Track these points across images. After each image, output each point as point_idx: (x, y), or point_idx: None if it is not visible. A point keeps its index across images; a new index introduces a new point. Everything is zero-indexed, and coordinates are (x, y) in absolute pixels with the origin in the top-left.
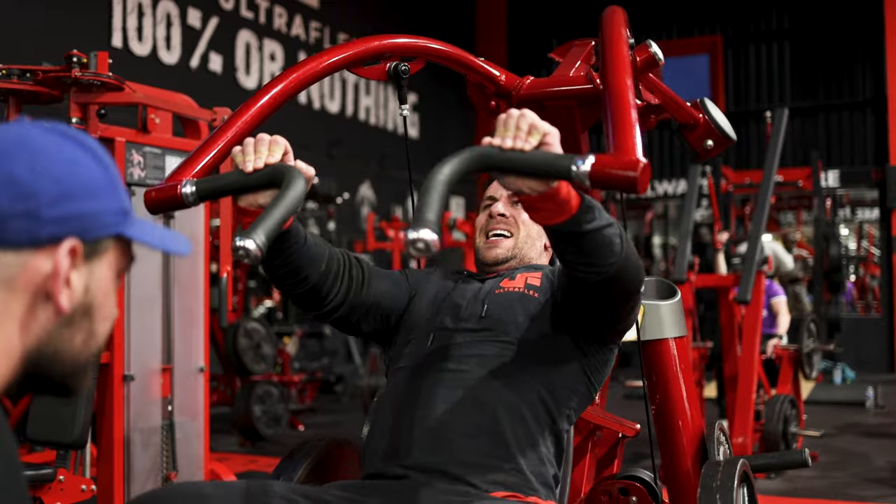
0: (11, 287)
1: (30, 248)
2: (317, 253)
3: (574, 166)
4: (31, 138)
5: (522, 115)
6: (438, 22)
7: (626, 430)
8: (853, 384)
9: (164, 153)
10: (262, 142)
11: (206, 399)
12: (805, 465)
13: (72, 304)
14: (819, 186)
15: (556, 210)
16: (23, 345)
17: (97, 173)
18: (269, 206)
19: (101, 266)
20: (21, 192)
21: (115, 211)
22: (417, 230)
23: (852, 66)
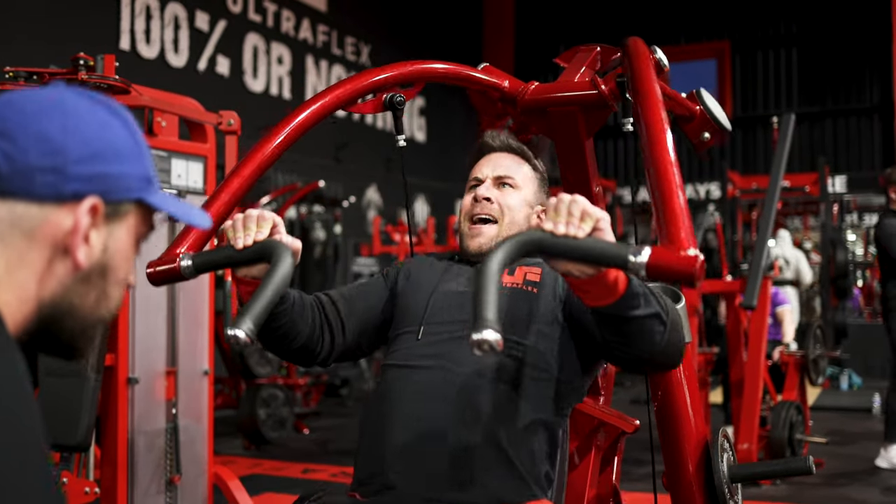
0: (32, 237)
1: (53, 203)
2: (301, 315)
3: (631, 257)
4: (66, 100)
5: (574, 202)
6: (445, 26)
7: (625, 426)
8: (860, 390)
9: (171, 156)
10: (249, 218)
11: (210, 402)
12: (809, 473)
13: (89, 262)
14: (826, 192)
15: (602, 293)
16: (38, 295)
17: (125, 138)
18: (257, 290)
19: (121, 229)
20: (50, 149)
21: (139, 177)
22: (480, 331)
23: (860, 71)
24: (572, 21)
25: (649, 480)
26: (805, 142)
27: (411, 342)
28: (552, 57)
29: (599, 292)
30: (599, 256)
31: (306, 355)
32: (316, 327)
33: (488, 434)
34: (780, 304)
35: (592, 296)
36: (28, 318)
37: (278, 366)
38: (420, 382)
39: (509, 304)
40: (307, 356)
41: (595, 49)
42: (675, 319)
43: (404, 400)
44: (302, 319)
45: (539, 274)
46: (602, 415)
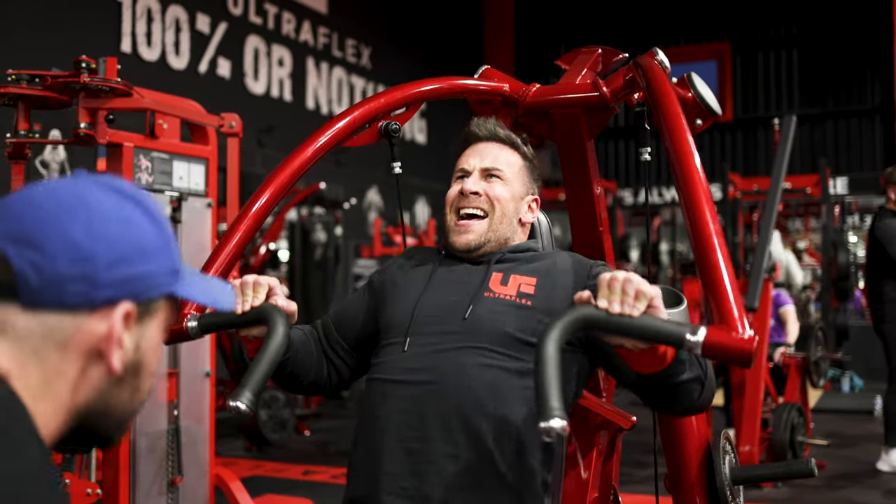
0: (65, 348)
1: (85, 311)
2: (305, 356)
3: (688, 336)
4: (88, 199)
5: (629, 281)
6: (445, 28)
7: (622, 422)
8: (861, 393)
9: (172, 158)
10: (246, 285)
11: (212, 403)
12: (811, 475)
13: (123, 364)
14: (827, 193)
15: (651, 363)
16: (73, 402)
17: (151, 233)
18: (255, 360)
19: (152, 325)
20: (79, 256)
21: (168, 271)
22: (548, 421)
23: (861, 73)
24: (573, 23)
25: (651, 482)
26: (806, 143)
27: (397, 354)
28: (553, 59)
29: (649, 362)
30: (656, 335)
31: (318, 388)
32: (322, 363)
33: (481, 451)
34: (782, 304)
35: (642, 365)
36: (63, 425)
37: None
38: (407, 399)
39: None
40: (319, 389)
41: (596, 51)
42: (711, 378)
43: (392, 418)
44: (307, 361)
45: (533, 285)
46: (600, 409)
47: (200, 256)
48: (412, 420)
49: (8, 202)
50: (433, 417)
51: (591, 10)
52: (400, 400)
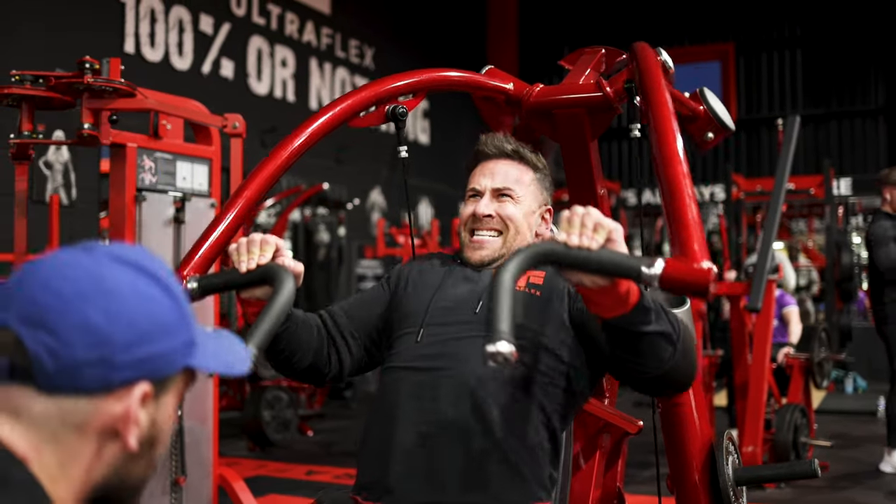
0: (83, 431)
1: (102, 393)
2: (307, 334)
3: (644, 269)
4: (104, 277)
5: (588, 214)
6: (449, 29)
7: (629, 427)
8: (864, 394)
9: (176, 159)
10: (253, 243)
11: (215, 404)
12: (814, 476)
13: (139, 441)
14: (831, 194)
15: (613, 304)
16: (89, 480)
17: (169, 309)
18: (260, 315)
19: (168, 399)
20: (96, 340)
21: (184, 345)
22: (494, 343)
23: (865, 73)
24: (576, 23)
25: (654, 483)
26: (810, 144)
27: (410, 343)
28: (557, 59)
29: (610, 304)
30: (613, 267)
31: (316, 375)
32: (322, 347)
33: (491, 436)
34: (786, 305)
35: (603, 307)
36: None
37: None
38: (420, 384)
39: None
40: (317, 375)
41: (600, 51)
42: (686, 341)
43: (405, 402)
44: (307, 340)
45: (542, 277)
46: (606, 415)
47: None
48: (424, 404)
49: (21, 282)
50: (445, 401)
51: (594, 11)
52: (413, 385)
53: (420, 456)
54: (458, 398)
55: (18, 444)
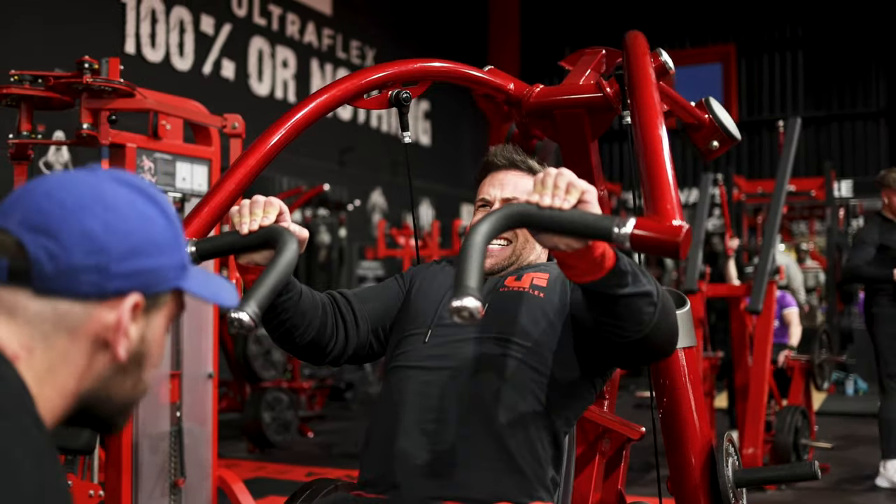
0: (74, 336)
1: (96, 300)
2: (311, 307)
3: (615, 228)
4: (105, 192)
5: (560, 174)
6: (451, 30)
7: (631, 433)
8: (865, 395)
9: (175, 159)
10: (256, 204)
11: (214, 405)
12: (815, 478)
13: (128, 354)
14: (832, 196)
15: (588, 268)
16: (77, 389)
17: (164, 228)
18: (262, 274)
19: (158, 317)
20: (93, 247)
21: (176, 266)
22: (461, 298)
23: (866, 75)
24: (577, 24)
25: (655, 485)
26: (811, 146)
27: (418, 344)
28: (557, 60)
29: (586, 267)
30: (583, 228)
31: (317, 352)
32: (328, 323)
33: (495, 435)
34: (786, 306)
35: (579, 271)
36: (66, 410)
37: (283, 369)
38: (426, 383)
39: (516, 309)
40: (318, 352)
41: (600, 52)
42: (666, 302)
43: (410, 401)
44: (310, 313)
45: (545, 279)
46: (608, 422)
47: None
48: (429, 402)
49: (26, 193)
50: (450, 400)
51: (596, 12)
52: (419, 384)
53: (424, 453)
54: (462, 398)
55: (10, 344)
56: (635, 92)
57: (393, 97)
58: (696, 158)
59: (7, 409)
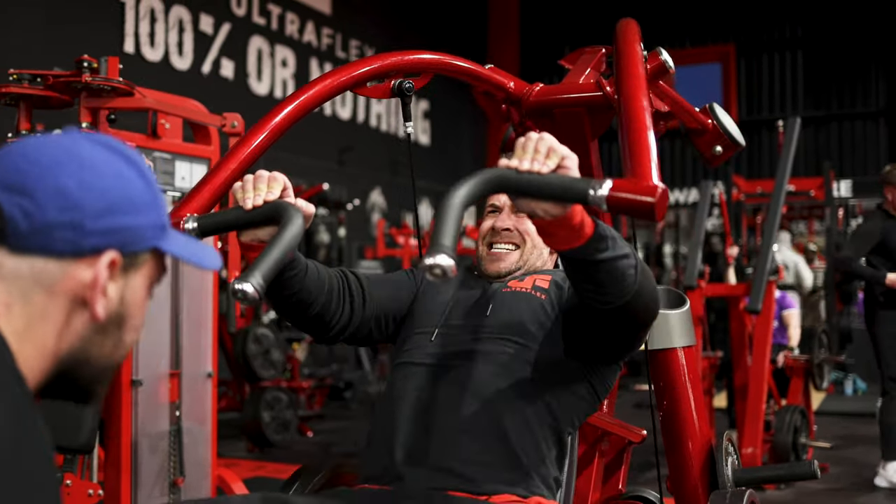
0: (52, 293)
1: (72, 258)
2: (318, 281)
3: (591, 190)
4: (81, 151)
5: (541, 139)
6: (450, 29)
7: (632, 436)
8: (864, 395)
9: (174, 158)
10: (261, 179)
11: (214, 404)
12: (814, 477)
13: (107, 313)
14: (831, 196)
15: (568, 236)
16: (57, 348)
17: (140, 188)
18: (267, 246)
19: (137, 278)
20: (68, 204)
21: (154, 225)
22: (434, 256)
23: (865, 75)
24: (577, 23)
25: (655, 484)
26: (810, 146)
27: (424, 342)
28: (557, 59)
29: (566, 235)
30: (560, 191)
31: (321, 325)
32: (334, 297)
33: (499, 432)
34: (786, 307)
35: (560, 239)
36: (45, 371)
37: (282, 368)
38: (430, 380)
39: (519, 309)
40: (322, 326)
41: (600, 51)
42: (645, 267)
43: (415, 396)
44: (317, 287)
45: (548, 281)
46: (609, 426)
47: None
48: (433, 398)
49: (4, 154)
50: (454, 397)
51: (595, 11)
52: (423, 380)
53: (428, 447)
54: (463, 396)
55: None
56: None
57: (396, 87)
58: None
59: None
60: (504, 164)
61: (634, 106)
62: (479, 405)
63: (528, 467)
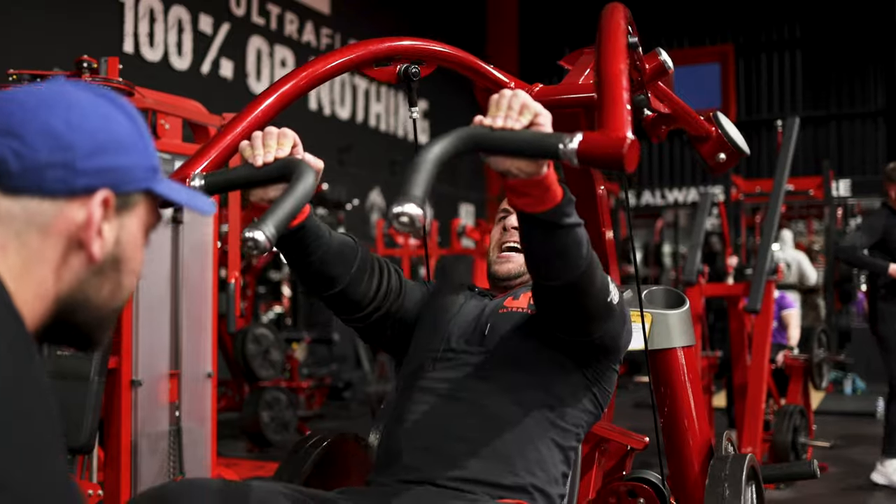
0: (46, 233)
1: (65, 197)
2: (344, 253)
3: (561, 144)
4: (67, 93)
5: (515, 95)
6: (449, 29)
7: (634, 443)
8: (863, 395)
9: (174, 158)
10: (270, 135)
11: (213, 404)
12: (813, 477)
13: (103, 254)
14: (830, 196)
15: (541, 197)
16: (56, 290)
17: (129, 130)
18: (279, 198)
19: (131, 219)
20: (58, 144)
21: (146, 167)
22: (402, 204)
23: (864, 75)
24: (576, 23)
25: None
26: (809, 145)
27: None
28: (556, 59)
29: (540, 195)
30: (531, 146)
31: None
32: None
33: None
34: (786, 307)
35: (532, 200)
36: (45, 314)
37: (281, 368)
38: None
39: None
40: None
41: None
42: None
43: (417, 420)
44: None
45: None
46: (610, 434)
47: (202, 257)
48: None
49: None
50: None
51: (595, 12)
52: (426, 403)
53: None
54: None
55: None
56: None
57: (402, 71)
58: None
59: None
60: (478, 120)
61: (609, 65)
62: (485, 428)
63: (534, 484)
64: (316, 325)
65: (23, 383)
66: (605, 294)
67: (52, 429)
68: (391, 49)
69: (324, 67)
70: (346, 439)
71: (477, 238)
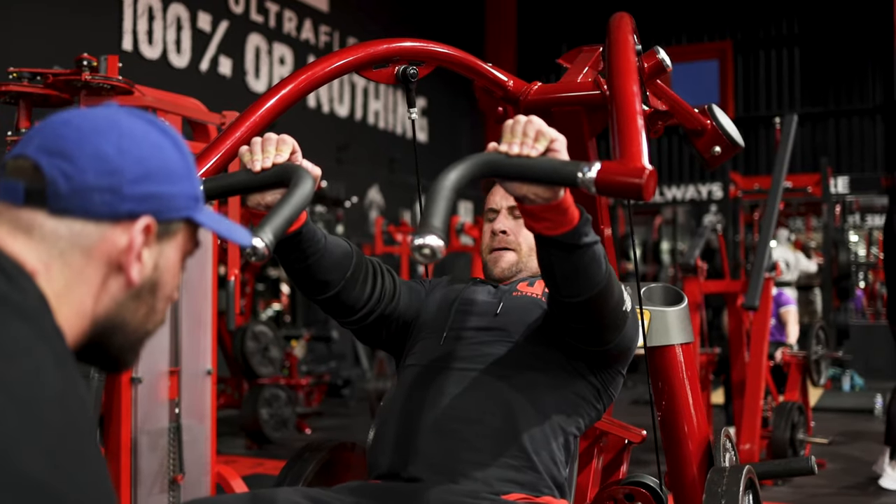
0: (89, 255)
1: (109, 221)
2: (340, 257)
3: (580, 173)
4: (120, 120)
5: (530, 122)
6: (448, 27)
7: (632, 437)
8: (862, 391)
9: None
10: (269, 141)
11: (213, 402)
12: (811, 473)
13: (141, 279)
14: (828, 193)
15: (559, 220)
16: (93, 311)
17: (176, 159)
18: (277, 204)
19: (171, 247)
20: (107, 168)
21: (189, 196)
22: (423, 236)
23: (862, 72)
24: (575, 21)
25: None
26: (807, 142)
27: (433, 345)
28: (555, 57)
29: (555, 219)
30: (549, 174)
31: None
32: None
33: (510, 433)
34: (784, 304)
35: (550, 224)
36: (82, 335)
37: (280, 366)
38: (442, 382)
39: (528, 312)
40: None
41: (598, 49)
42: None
43: (425, 399)
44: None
45: None
46: (609, 427)
47: (202, 256)
48: (444, 400)
49: (45, 124)
50: (466, 398)
51: (593, 9)
52: (435, 382)
53: (441, 450)
54: (478, 397)
55: (28, 259)
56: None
57: (400, 73)
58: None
59: (29, 314)
60: (493, 147)
61: (624, 90)
62: (490, 406)
63: (539, 468)
64: (315, 323)
65: (69, 398)
66: (622, 304)
67: (95, 442)
68: (390, 50)
69: (323, 70)
70: (346, 447)
71: (476, 235)
